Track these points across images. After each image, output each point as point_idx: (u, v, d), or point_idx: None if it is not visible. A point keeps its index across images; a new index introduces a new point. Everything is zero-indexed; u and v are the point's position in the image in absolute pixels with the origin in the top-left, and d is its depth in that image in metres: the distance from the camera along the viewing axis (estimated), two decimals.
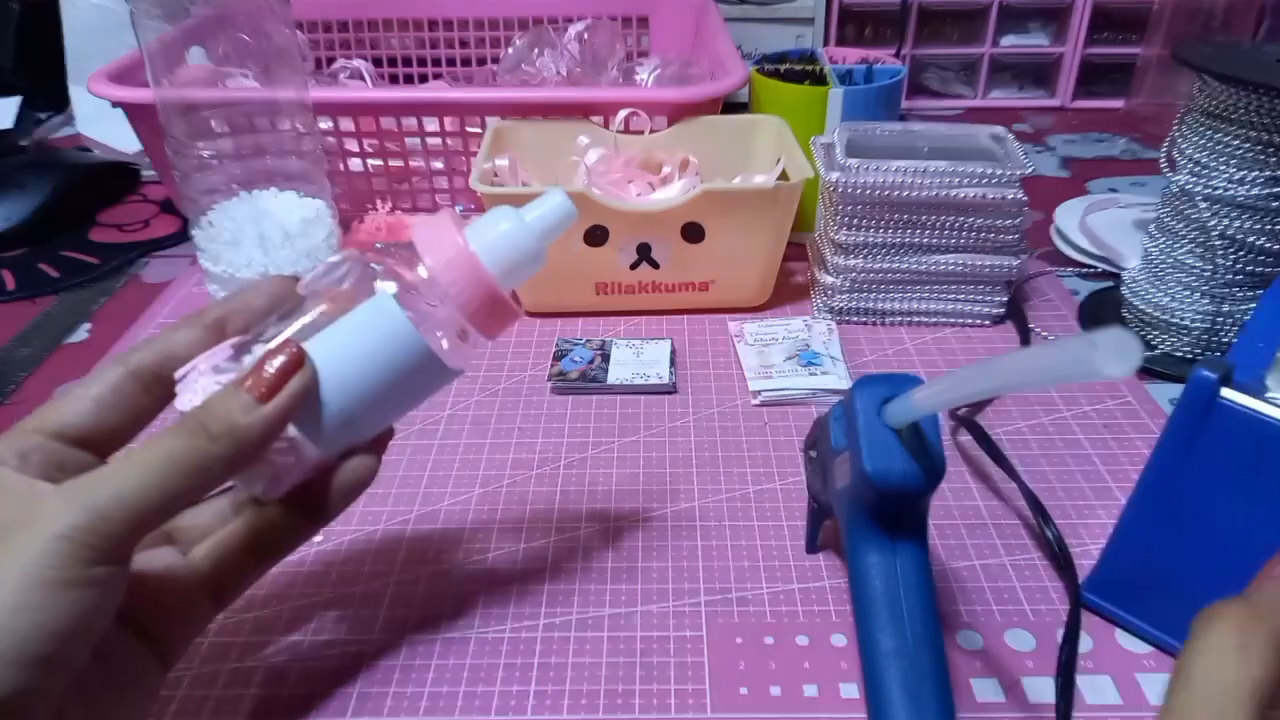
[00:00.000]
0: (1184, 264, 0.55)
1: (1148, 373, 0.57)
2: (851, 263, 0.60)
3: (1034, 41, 1.03)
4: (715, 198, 0.58)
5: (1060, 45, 1.01)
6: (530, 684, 0.37)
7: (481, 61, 0.98)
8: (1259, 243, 0.52)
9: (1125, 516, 0.38)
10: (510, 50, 0.94)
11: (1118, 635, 0.39)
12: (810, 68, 0.73)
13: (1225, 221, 0.52)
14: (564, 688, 0.37)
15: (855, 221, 0.59)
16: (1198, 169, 0.53)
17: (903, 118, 0.92)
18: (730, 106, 0.69)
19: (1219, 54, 0.53)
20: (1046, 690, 0.37)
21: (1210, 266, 0.54)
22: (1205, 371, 0.34)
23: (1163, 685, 0.37)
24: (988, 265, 0.59)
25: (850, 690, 0.37)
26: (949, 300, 0.61)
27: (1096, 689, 0.37)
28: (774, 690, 0.37)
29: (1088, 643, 0.39)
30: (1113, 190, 0.83)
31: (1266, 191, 0.50)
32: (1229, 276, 0.53)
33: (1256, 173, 0.51)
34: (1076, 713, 0.36)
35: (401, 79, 0.98)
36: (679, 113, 0.67)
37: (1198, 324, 0.55)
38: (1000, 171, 0.56)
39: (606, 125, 0.67)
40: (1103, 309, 0.63)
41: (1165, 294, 0.57)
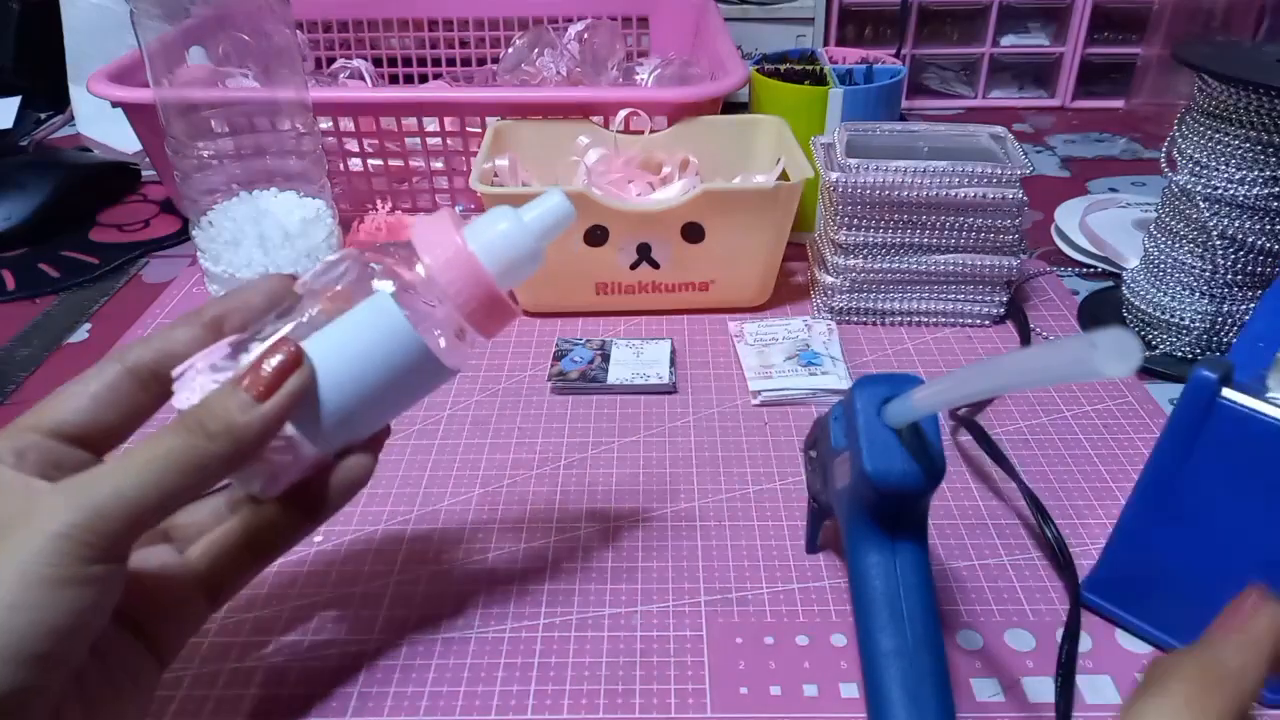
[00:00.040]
0: (1184, 264, 0.55)
1: (1148, 373, 0.57)
2: (851, 263, 0.60)
3: (1034, 41, 1.03)
4: (715, 198, 0.58)
5: (1060, 45, 1.01)
6: (530, 684, 0.37)
7: (481, 61, 0.98)
8: (1259, 243, 0.52)
9: (1125, 516, 0.38)
10: (510, 50, 0.94)
11: (1118, 635, 0.39)
12: (810, 68, 0.73)
13: (1225, 221, 0.52)
14: (564, 688, 0.37)
15: (855, 221, 0.59)
16: (1198, 169, 0.53)
17: (903, 118, 0.92)
18: (730, 106, 0.69)
19: (1219, 54, 0.53)
20: (1046, 690, 0.37)
21: (1210, 266, 0.54)
22: (1205, 371, 0.34)
23: None
24: (988, 265, 0.59)
25: (850, 690, 0.37)
26: (949, 300, 0.61)
27: (1096, 689, 0.37)
28: (774, 690, 0.37)
29: (1088, 643, 0.39)
30: (1113, 190, 0.83)
31: (1266, 191, 0.50)
32: (1229, 276, 0.53)
33: (1256, 173, 0.51)
34: (1076, 713, 0.36)
35: (401, 79, 0.98)
36: (679, 113, 0.67)
37: (1198, 324, 0.55)
38: (1000, 171, 0.56)
39: (606, 125, 0.67)
40: (1103, 309, 0.63)
41: (1165, 294, 0.57)
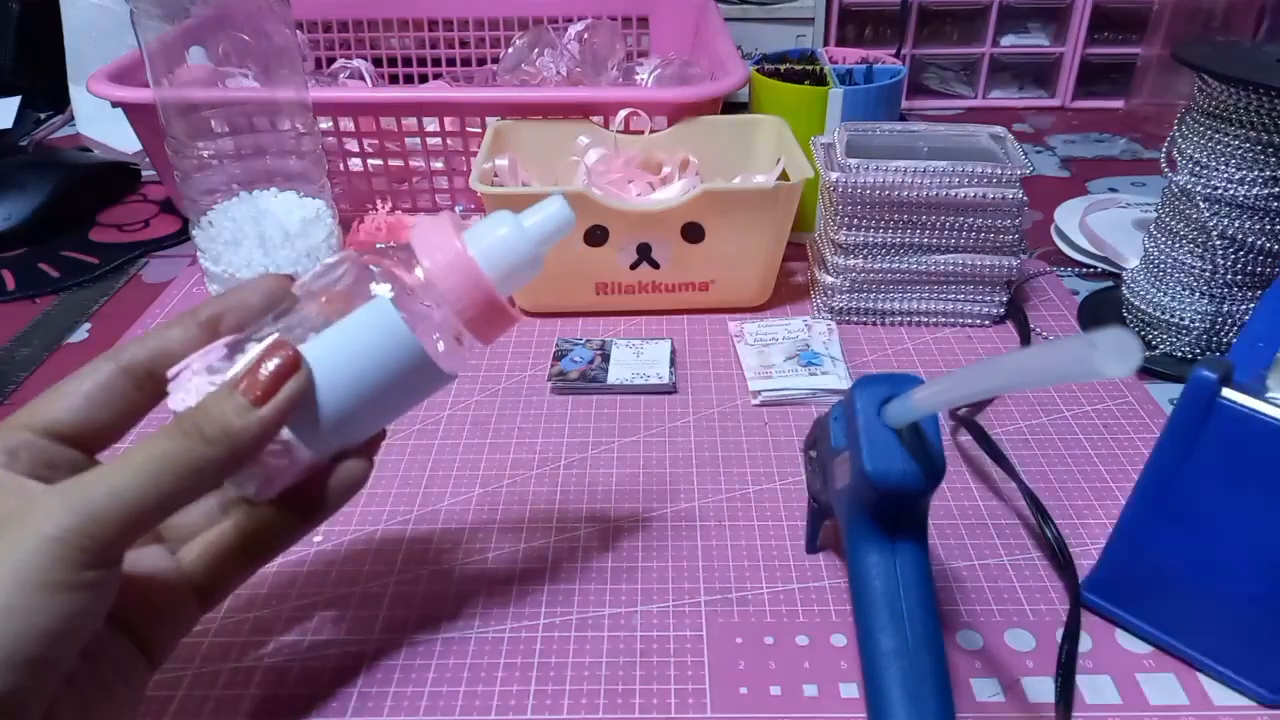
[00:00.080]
0: (1184, 264, 0.55)
1: (1148, 373, 0.57)
2: (851, 263, 0.60)
3: (1034, 41, 1.03)
4: (715, 198, 0.58)
5: (1060, 45, 1.01)
6: (530, 684, 0.37)
7: (481, 61, 0.98)
8: (1259, 243, 0.52)
9: (1125, 516, 0.38)
10: (510, 50, 0.94)
11: (1118, 635, 0.39)
12: (810, 68, 0.73)
13: (1225, 221, 0.52)
14: (564, 688, 0.37)
15: (855, 221, 0.59)
16: (1198, 169, 0.53)
17: (903, 118, 0.91)
18: (730, 106, 0.69)
19: (1219, 54, 0.53)
20: (1046, 690, 0.37)
21: (1210, 266, 0.54)
22: (1205, 371, 0.34)
23: (1163, 685, 0.37)
24: (988, 265, 0.59)
25: (850, 690, 0.37)
26: (949, 300, 0.61)
27: (1096, 689, 0.37)
28: (774, 690, 0.37)
29: (1088, 643, 0.39)
30: (1113, 190, 0.83)
31: (1266, 191, 0.50)
32: (1229, 276, 0.53)
33: (1256, 173, 0.51)
34: (1076, 713, 0.36)
35: (401, 79, 0.98)
36: (679, 113, 0.67)
37: (1198, 324, 0.55)
38: (1000, 171, 0.56)
39: (606, 125, 0.67)
40: (1103, 309, 0.63)
41: (1165, 294, 0.57)
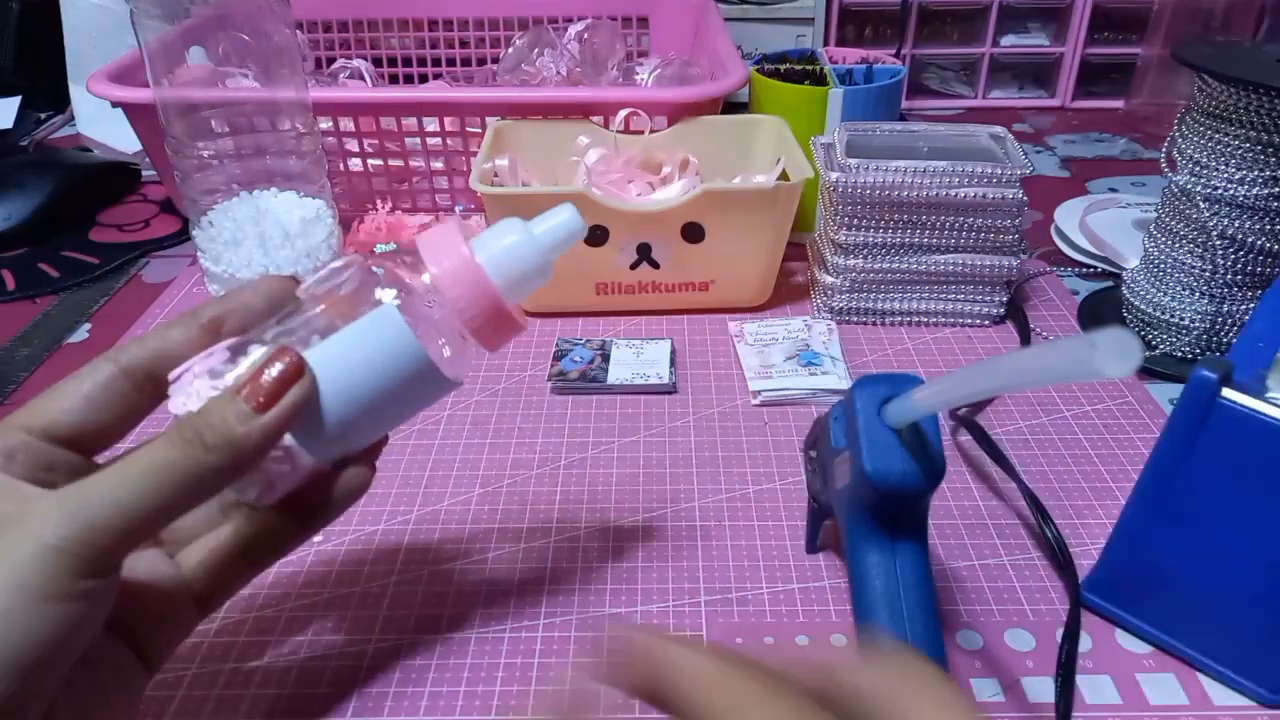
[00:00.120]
0: (1184, 264, 0.55)
1: (1148, 373, 0.57)
2: (851, 263, 0.60)
3: (1034, 41, 1.03)
4: (715, 198, 0.58)
5: (1060, 45, 1.01)
6: (530, 684, 0.37)
7: (481, 61, 0.98)
8: (1259, 243, 0.52)
9: (1125, 516, 0.38)
10: (510, 50, 0.94)
11: (1118, 635, 0.39)
12: (810, 68, 0.73)
13: (1225, 221, 0.52)
14: (564, 688, 0.37)
15: (855, 221, 0.59)
16: (1198, 169, 0.53)
17: (903, 118, 0.92)
18: (730, 106, 0.69)
19: (1219, 54, 0.53)
20: (1046, 690, 0.37)
21: (1210, 266, 0.54)
22: (1205, 371, 0.34)
23: (1163, 685, 0.37)
24: (988, 265, 0.59)
25: None
26: (949, 300, 0.61)
27: (1096, 689, 0.37)
28: None
29: (1088, 643, 0.39)
30: (1113, 190, 0.83)
31: (1266, 191, 0.50)
32: (1229, 276, 0.53)
33: (1256, 173, 0.51)
34: (1076, 713, 0.36)
35: (401, 79, 0.98)
36: (679, 113, 0.67)
37: (1198, 324, 0.55)
38: (1000, 171, 0.56)
39: (606, 125, 0.67)
40: (1103, 309, 0.63)
41: (1165, 294, 0.57)
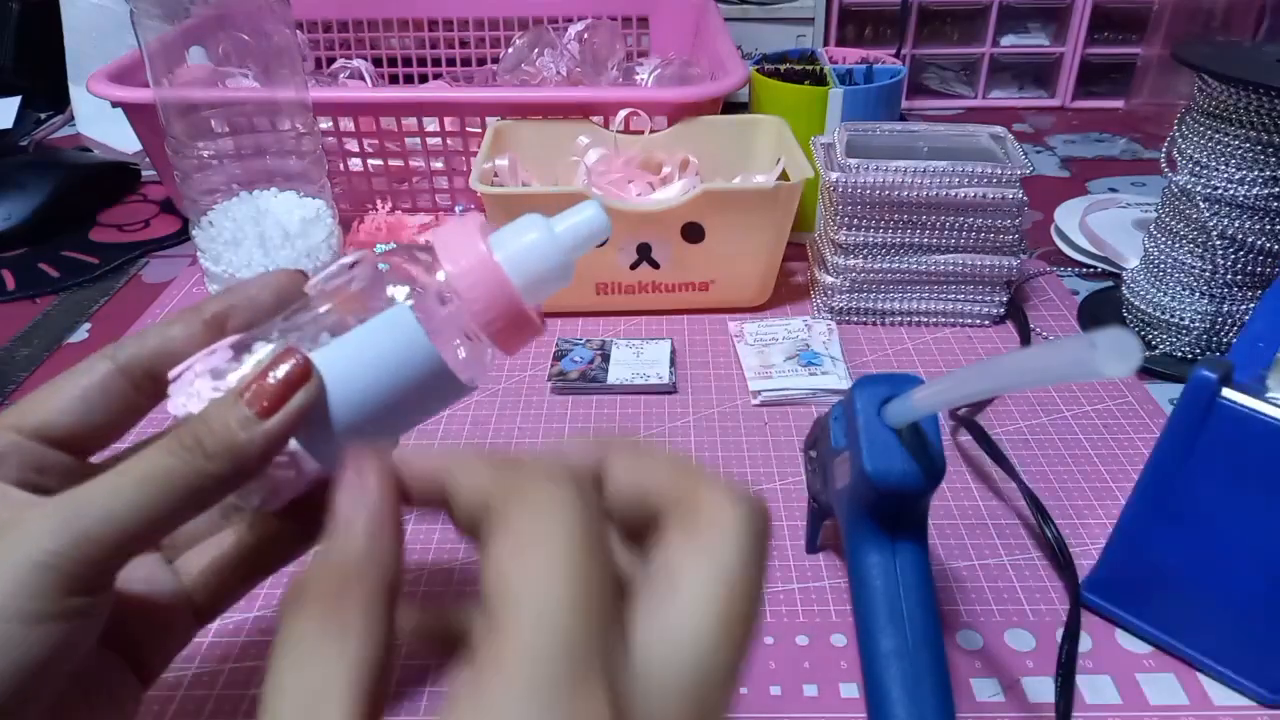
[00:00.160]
0: (1184, 264, 0.55)
1: (1148, 373, 0.57)
2: (851, 263, 0.60)
3: (1034, 41, 1.03)
4: (715, 198, 0.58)
5: (1060, 45, 1.01)
6: None
7: (481, 61, 0.98)
8: (1259, 243, 0.52)
9: (1125, 516, 0.38)
10: (510, 50, 0.94)
11: (1118, 635, 0.39)
12: (810, 68, 0.73)
13: (1225, 221, 0.52)
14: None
15: (855, 221, 0.59)
16: (1198, 169, 0.53)
17: (903, 118, 0.92)
18: (730, 106, 0.69)
19: (1219, 54, 0.53)
20: (1046, 690, 0.37)
21: (1210, 266, 0.54)
22: (1205, 371, 0.34)
23: (1163, 685, 0.37)
24: (988, 265, 0.59)
25: (850, 690, 0.37)
26: (949, 300, 0.61)
27: (1096, 689, 0.37)
28: (774, 690, 0.37)
29: (1088, 643, 0.39)
30: (1113, 190, 0.83)
31: (1266, 191, 0.50)
32: (1229, 276, 0.53)
33: (1256, 173, 0.51)
34: (1076, 713, 0.36)
35: (401, 79, 0.98)
36: (679, 113, 0.67)
37: (1198, 324, 0.55)
38: (1000, 171, 0.56)
39: (606, 125, 0.67)
40: (1103, 309, 0.63)
41: (1165, 294, 0.57)
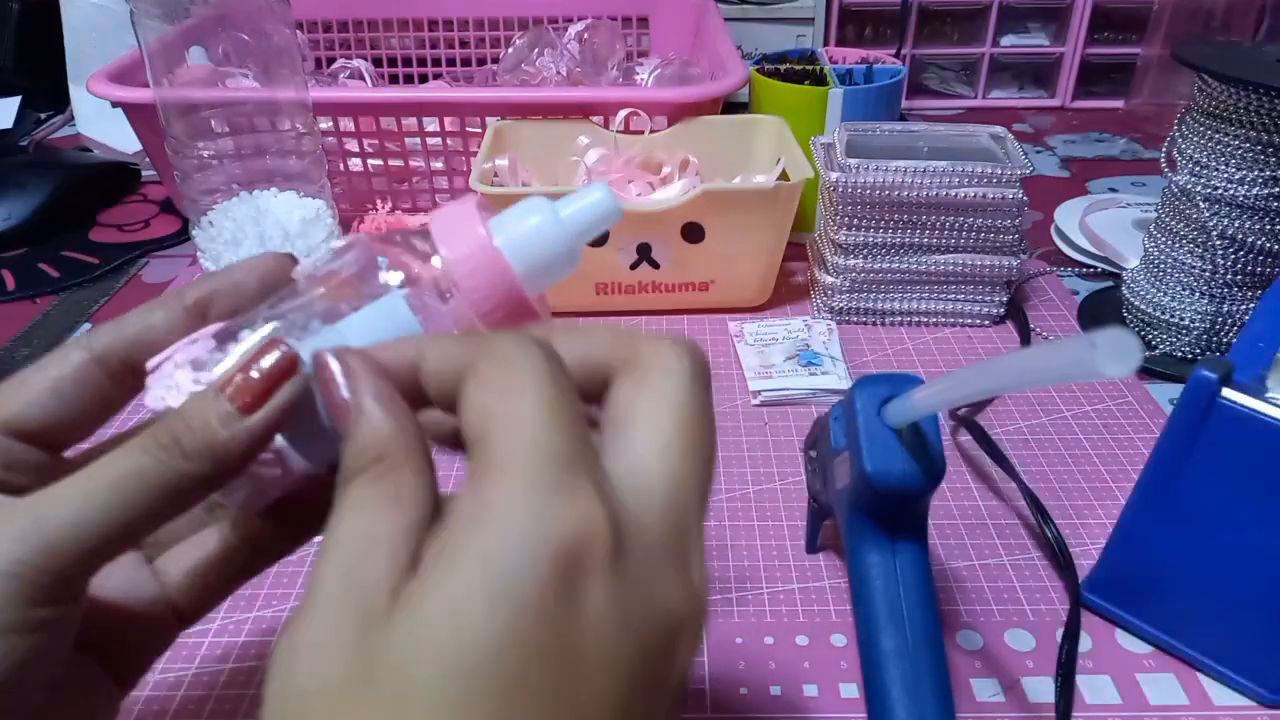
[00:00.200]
0: (1184, 264, 0.55)
1: (1148, 373, 0.57)
2: (851, 263, 0.60)
3: (1034, 41, 1.03)
4: (715, 198, 0.58)
5: (1060, 45, 1.01)
6: None
7: (481, 61, 0.98)
8: (1259, 243, 0.52)
9: (1125, 516, 0.38)
10: (510, 50, 0.94)
11: (1118, 635, 0.39)
12: (810, 68, 0.73)
13: (1225, 221, 0.52)
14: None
15: (855, 221, 0.59)
16: (1198, 169, 0.53)
17: (903, 118, 0.92)
18: (730, 106, 0.69)
19: (1219, 54, 0.53)
20: (1046, 690, 0.37)
21: (1210, 266, 0.54)
22: (1205, 371, 0.34)
23: (1163, 685, 0.37)
24: (988, 265, 0.59)
25: (850, 690, 0.37)
26: (949, 300, 0.61)
27: (1096, 689, 0.37)
28: (774, 690, 0.37)
29: (1088, 643, 0.39)
30: (1113, 190, 0.83)
31: (1266, 191, 0.50)
32: (1229, 276, 0.53)
33: (1256, 173, 0.51)
34: (1076, 713, 0.36)
35: (401, 79, 0.98)
36: (679, 113, 0.67)
37: (1198, 324, 0.55)
38: (1000, 171, 0.56)
39: (606, 125, 0.67)
40: (1103, 309, 0.63)
41: (1165, 294, 0.57)
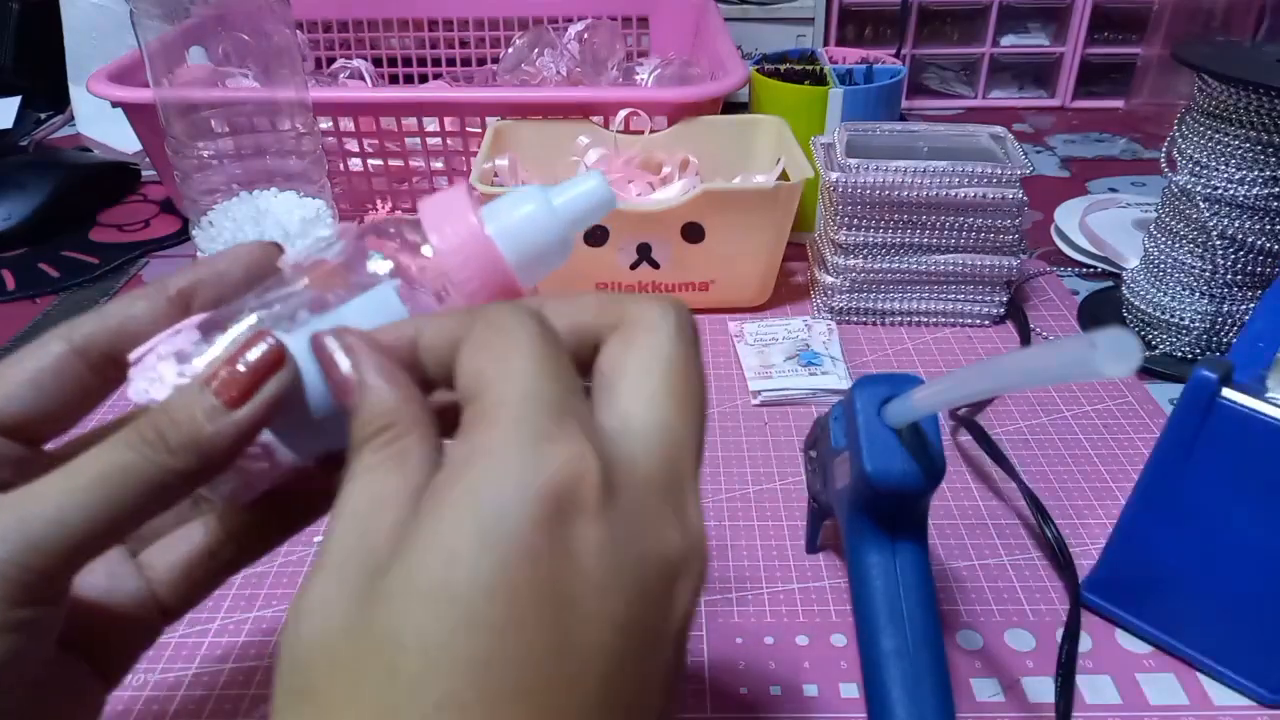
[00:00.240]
0: (1184, 264, 0.55)
1: (1148, 373, 0.57)
2: (851, 263, 0.60)
3: (1034, 41, 1.03)
4: (715, 198, 0.58)
5: (1060, 45, 1.01)
6: None
7: (481, 61, 0.98)
8: (1259, 243, 0.52)
9: (1125, 516, 0.38)
10: (510, 50, 0.94)
11: (1118, 635, 0.39)
12: (810, 68, 0.73)
13: (1225, 221, 0.52)
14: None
15: (855, 221, 0.59)
16: (1198, 169, 0.53)
17: (903, 118, 0.92)
18: (730, 106, 0.69)
19: (1219, 54, 0.53)
20: (1046, 690, 0.37)
21: (1210, 266, 0.54)
22: (1205, 371, 0.34)
23: (1163, 685, 0.37)
24: (988, 265, 0.59)
25: (850, 690, 0.37)
26: (949, 300, 0.61)
27: (1096, 689, 0.37)
28: (774, 690, 0.37)
29: (1088, 643, 0.39)
30: (1113, 190, 0.83)
31: (1266, 191, 0.50)
32: (1229, 276, 0.53)
33: (1256, 173, 0.51)
34: (1076, 713, 0.36)
35: (401, 79, 0.98)
36: (679, 113, 0.67)
37: (1198, 324, 0.55)
38: (1000, 171, 0.56)
39: (606, 125, 0.67)
40: (1103, 309, 0.63)
41: (1165, 294, 0.57)
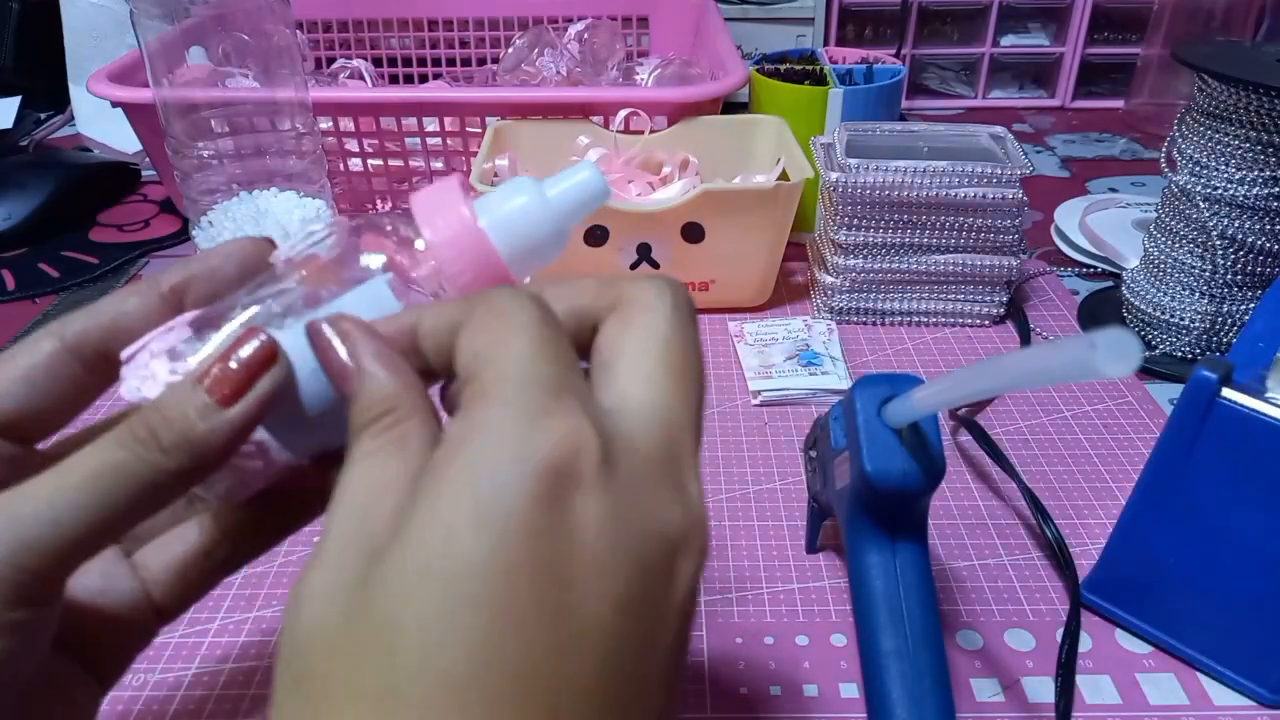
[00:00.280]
0: (1184, 264, 0.55)
1: (1148, 373, 0.57)
2: (851, 263, 0.60)
3: (1034, 41, 1.03)
4: (715, 198, 0.58)
5: (1060, 45, 1.01)
6: None
7: (481, 61, 0.98)
8: (1259, 243, 0.52)
9: (1125, 516, 0.38)
10: (510, 50, 0.94)
11: (1118, 635, 0.39)
12: (810, 68, 0.73)
13: (1225, 221, 0.52)
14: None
15: (855, 221, 0.59)
16: (1198, 169, 0.53)
17: (903, 118, 0.92)
18: (730, 106, 0.69)
19: (1219, 54, 0.53)
20: (1046, 690, 0.37)
21: (1210, 266, 0.54)
22: (1205, 371, 0.34)
23: (1163, 685, 0.37)
24: (988, 265, 0.59)
25: (850, 690, 0.37)
26: (949, 300, 0.61)
27: (1096, 689, 0.37)
28: (774, 690, 0.37)
29: (1087, 642, 0.39)
30: (1113, 190, 0.83)
31: (1266, 191, 0.50)
32: (1229, 276, 0.53)
33: (1256, 173, 0.51)
34: (1076, 712, 0.36)
35: (401, 79, 0.98)
36: (679, 113, 0.67)
37: (1198, 324, 0.55)
38: (1000, 171, 0.56)
39: (606, 125, 0.67)
40: (1103, 309, 0.63)
41: (1165, 294, 0.57)
